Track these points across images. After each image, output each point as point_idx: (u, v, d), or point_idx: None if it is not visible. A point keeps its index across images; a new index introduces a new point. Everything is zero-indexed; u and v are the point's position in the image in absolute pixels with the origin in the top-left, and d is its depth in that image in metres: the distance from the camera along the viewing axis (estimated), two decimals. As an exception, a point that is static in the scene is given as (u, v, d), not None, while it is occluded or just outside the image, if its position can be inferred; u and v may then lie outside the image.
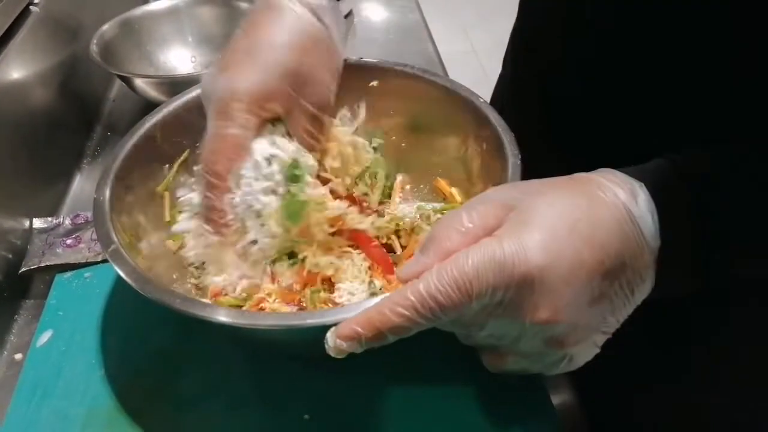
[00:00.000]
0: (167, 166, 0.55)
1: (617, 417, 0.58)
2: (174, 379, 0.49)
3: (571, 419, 0.49)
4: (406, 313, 0.32)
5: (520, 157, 0.46)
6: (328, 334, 0.33)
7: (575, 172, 0.36)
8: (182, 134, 0.56)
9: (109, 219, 0.45)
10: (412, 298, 0.32)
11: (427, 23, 1.04)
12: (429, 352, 0.48)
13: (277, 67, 0.45)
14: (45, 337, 0.52)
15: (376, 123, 0.58)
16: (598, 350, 0.36)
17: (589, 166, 0.37)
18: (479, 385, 0.46)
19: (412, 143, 0.60)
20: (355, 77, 0.56)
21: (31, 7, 0.72)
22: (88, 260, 0.59)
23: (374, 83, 0.57)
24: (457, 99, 0.54)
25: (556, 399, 0.48)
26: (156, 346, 0.51)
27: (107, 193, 0.47)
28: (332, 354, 0.33)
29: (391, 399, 0.46)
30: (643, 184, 0.34)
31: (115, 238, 0.44)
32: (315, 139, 0.49)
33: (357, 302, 0.41)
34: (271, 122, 0.49)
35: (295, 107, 0.47)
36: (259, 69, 0.46)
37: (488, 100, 0.53)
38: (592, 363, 0.36)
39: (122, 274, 0.41)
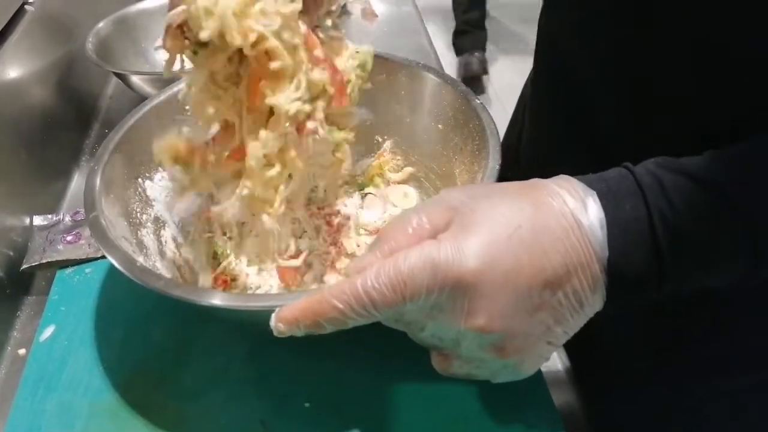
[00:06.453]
0: None
1: (618, 416, 0.58)
2: (176, 370, 0.49)
3: (573, 419, 0.49)
4: (340, 306, 0.32)
5: (500, 162, 0.47)
6: (272, 315, 0.34)
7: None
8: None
9: (97, 190, 0.47)
10: (348, 292, 0.32)
11: (422, 16, 1.04)
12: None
13: None
14: (48, 332, 0.53)
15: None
16: (545, 361, 0.36)
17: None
18: (479, 382, 0.46)
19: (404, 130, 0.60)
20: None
21: (26, 6, 0.72)
22: (89, 256, 0.59)
23: (382, 76, 0.57)
24: (452, 95, 0.54)
25: (558, 398, 0.47)
26: (157, 338, 0.52)
27: (100, 170, 0.49)
28: (275, 334, 0.34)
29: (390, 386, 0.47)
30: (595, 193, 0.33)
31: (99, 208, 0.46)
32: None
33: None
34: None
35: None
36: None
37: (482, 95, 0.53)
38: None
39: (97, 241, 0.43)
